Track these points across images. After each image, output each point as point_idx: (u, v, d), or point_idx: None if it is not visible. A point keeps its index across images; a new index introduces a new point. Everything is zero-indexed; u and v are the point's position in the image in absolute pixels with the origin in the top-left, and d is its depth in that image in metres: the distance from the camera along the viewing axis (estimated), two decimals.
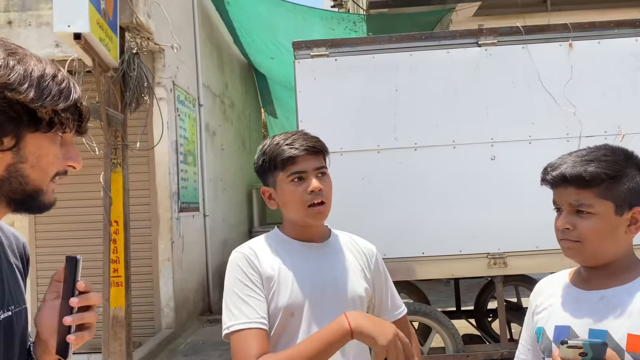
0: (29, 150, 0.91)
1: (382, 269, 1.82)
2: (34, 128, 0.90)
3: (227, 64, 9.71)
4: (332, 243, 1.70)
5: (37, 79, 0.89)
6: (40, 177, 0.93)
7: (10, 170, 0.90)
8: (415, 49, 4.02)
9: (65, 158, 0.97)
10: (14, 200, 0.92)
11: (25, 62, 0.90)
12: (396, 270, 3.99)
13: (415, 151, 4.01)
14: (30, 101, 0.87)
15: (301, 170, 1.56)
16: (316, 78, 4.01)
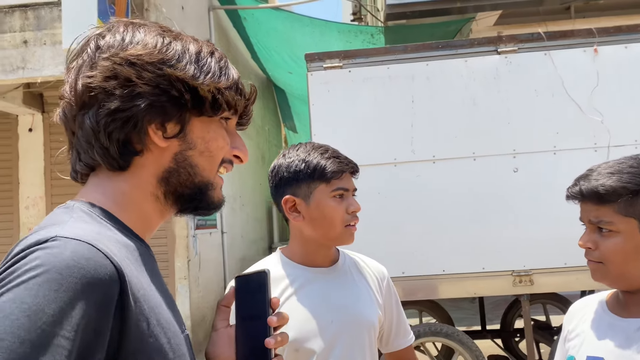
0: (197, 135, 0.82)
1: (393, 292, 1.69)
2: (198, 111, 0.81)
3: (244, 79, 9.64)
4: (340, 266, 1.57)
5: (195, 55, 0.81)
6: (210, 165, 0.84)
7: (178, 160, 0.81)
8: (432, 58, 3.89)
9: (231, 146, 0.87)
10: (182, 195, 0.83)
11: (182, 38, 0.83)
12: (416, 289, 3.83)
13: (433, 164, 3.85)
14: (191, 78, 0.79)
15: (345, 188, 1.49)
16: (330, 90, 3.90)
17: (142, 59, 0.78)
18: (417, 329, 3.99)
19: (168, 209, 0.86)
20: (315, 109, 3.89)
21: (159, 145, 0.80)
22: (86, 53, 0.82)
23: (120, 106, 0.76)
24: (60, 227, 0.70)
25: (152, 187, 0.83)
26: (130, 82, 0.76)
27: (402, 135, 3.87)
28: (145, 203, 0.83)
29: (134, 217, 0.82)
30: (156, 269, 0.86)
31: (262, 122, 10.88)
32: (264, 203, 10.51)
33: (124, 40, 0.80)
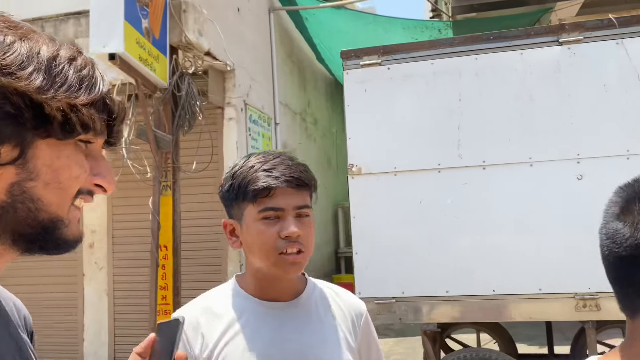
0: (42, 162, 0.65)
1: (371, 333, 1.38)
2: (45, 131, 0.64)
3: (310, 81, 9.54)
4: (304, 301, 1.28)
5: (46, 62, 0.65)
6: (59, 199, 0.67)
7: (15, 192, 0.64)
8: (482, 51, 3.47)
9: (92, 174, 0.70)
10: (22, 236, 0.66)
11: (31, 38, 0.66)
12: (462, 310, 3.43)
13: (483, 170, 3.43)
14: (37, 90, 0.62)
15: (277, 207, 1.20)
16: (366, 90, 3.59)
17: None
18: (463, 354, 3.58)
19: (6, 249, 0.68)
20: (351, 110, 3.61)
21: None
22: None
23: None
24: None
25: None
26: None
27: (447, 138, 3.49)
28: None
29: None
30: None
31: (329, 124, 10.69)
32: (330, 207, 10.30)
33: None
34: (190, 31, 4.14)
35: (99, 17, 3.39)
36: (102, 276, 6.48)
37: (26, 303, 3.38)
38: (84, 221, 6.51)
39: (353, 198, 3.61)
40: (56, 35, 4.99)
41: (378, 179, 3.56)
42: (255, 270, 1.26)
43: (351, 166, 3.60)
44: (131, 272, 6.18)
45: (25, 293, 6.50)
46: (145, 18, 3.75)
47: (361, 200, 3.59)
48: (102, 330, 6.44)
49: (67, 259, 6.55)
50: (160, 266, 4.08)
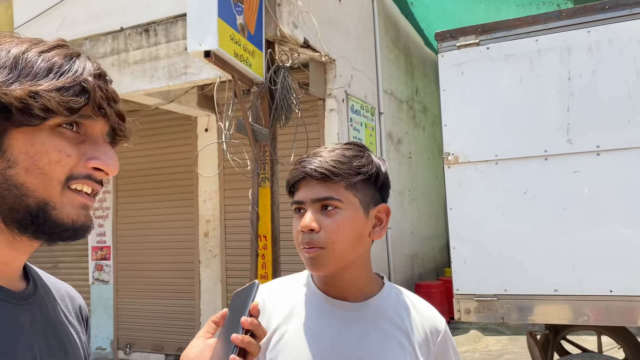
0: (18, 150, 0.70)
1: (448, 354, 1.23)
2: (13, 121, 0.69)
3: (418, 67, 9.26)
4: (374, 305, 1.18)
5: (13, 58, 0.71)
6: (43, 183, 0.71)
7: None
8: (596, 23, 3.09)
9: (86, 158, 0.74)
10: (14, 221, 0.72)
11: (3, 42, 0.73)
12: (576, 312, 3.10)
13: (597, 156, 3.07)
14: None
15: (298, 200, 1.15)
16: (464, 72, 3.37)
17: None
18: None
19: (18, 238, 0.73)
20: (447, 95, 3.40)
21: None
22: None
23: None
24: None
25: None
26: None
27: (554, 121, 3.16)
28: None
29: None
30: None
31: (439, 111, 10.32)
32: (442, 198, 9.96)
33: None
34: (284, 24, 4.17)
35: (194, 17, 3.52)
36: (216, 263, 6.84)
37: (150, 288, 3.68)
38: (200, 212, 6.91)
39: (450, 189, 3.42)
40: (167, 36, 5.30)
41: (477, 168, 3.33)
42: None
43: (447, 155, 3.40)
44: (241, 260, 6.45)
45: (149, 278, 7.08)
46: (240, 14, 3.84)
47: (458, 191, 3.39)
48: None
49: (185, 247, 7.02)
50: (260, 256, 4.18)
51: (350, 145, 1.21)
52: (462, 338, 6.96)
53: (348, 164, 1.15)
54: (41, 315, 0.81)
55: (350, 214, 1.14)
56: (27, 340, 0.75)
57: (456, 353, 1.25)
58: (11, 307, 0.75)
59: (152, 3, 5.45)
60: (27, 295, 0.79)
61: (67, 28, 5.90)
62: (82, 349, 0.87)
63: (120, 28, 5.59)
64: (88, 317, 0.96)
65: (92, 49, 5.70)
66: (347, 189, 1.14)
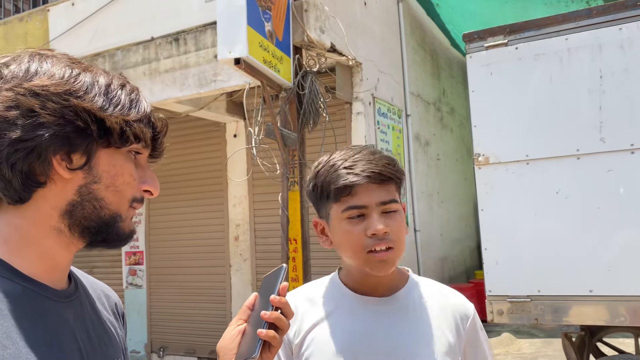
0: (103, 169, 0.81)
1: (479, 340, 1.27)
2: (105, 142, 0.81)
3: (444, 69, 9.21)
4: (402, 298, 1.24)
5: (104, 87, 0.82)
6: (118, 199, 0.83)
7: (83, 193, 0.81)
8: (628, 19, 3.05)
9: (140, 182, 0.86)
10: (88, 228, 0.82)
11: (91, 70, 0.84)
12: (612, 313, 3.06)
13: (631, 154, 3.03)
14: (99, 109, 0.80)
15: (360, 205, 1.16)
16: (492, 73, 3.36)
17: (47, 89, 0.77)
18: None
19: (75, 242, 0.83)
20: (475, 96, 3.40)
21: (64, 176, 0.79)
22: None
23: (23, 136, 0.75)
24: None
25: (54, 220, 0.80)
26: (33, 112, 0.76)
27: (587, 120, 3.13)
28: (45, 239, 0.81)
29: (30, 256, 0.80)
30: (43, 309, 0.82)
31: (467, 113, 10.23)
32: (471, 199, 9.87)
33: (28, 70, 0.79)
34: (311, 29, 4.22)
35: (224, 25, 3.60)
36: (246, 267, 6.92)
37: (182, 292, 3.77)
38: (230, 216, 7.01)
39: (480, 190, 3.41)
40: (196, 45, 5.41)
41: (507, 168, 3.31)
42: (349, 266, 1.25)
43: (477, 156, 3.40)
44: (271, 264, 6.51)
45: (181, 282, 7.20)
46: (268, 21, 3.90)
47: (489, 192, 3.37)
48: None
49: (216, 252, 7.13)
50: (291, 259, 4.22)
51: (375, 149, 1.26)
52: (494, 341, 6.88)
53: (395, 166, 1.21)
54: (82, 311, 0.89)
55: (402, 215, 1.21)
56: (71, 334, 0.83)
57: (486, 339, 1.28)
58: (57, 304, 0.83)
59: (182, 12, 5.57)
60: (69, 293, 0.87)
61: (99, 39, 6.08)
62: (120, 342, 0.96)
63: (150, 38, 5.72)
64: (124, 314, 1.04)
65: (124, 58, 5.85)
66: (396, 190, 1.21)
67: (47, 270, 0.83)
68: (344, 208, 1.17)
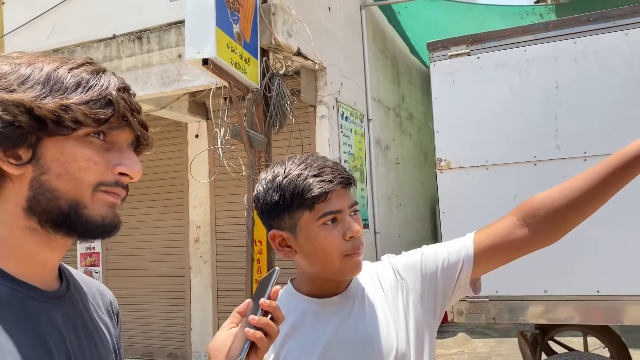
0: (51, 158, 0.78)
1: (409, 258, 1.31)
2: (46, 132, 0.77)
3: (404, 75, 9.41)
4: (353, 292, 1.28)
5: (45, 75, 0.78)
6: (74, 187, 0.79)
7: (34, 186, 0.78)
8: (581, 34, 3.23)
9: (111, 165, 0.81)
10: (52, 221, 0.79)
11: (36, 62, 0.80)
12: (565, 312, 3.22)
13: (584, 162, 3.20)
14: (31, 99, 0.76)
15: (336, 210, 1.18)
16: (455, 81, 3.48)
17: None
18: (565, 359, 3.36)
19: (53, 238, 0.81)
20: (439, 103, 3.52)
21: (12, 173, 0.77)
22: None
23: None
24: None
25: (22, 219, 0.79)
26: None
27: (543, 128, 3.29)
28: (20, 238, 0.80)
29: (9, 257, 0.80)
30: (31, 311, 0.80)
31: (425, 118, 10.47)
32: (427, 203, 10.11)
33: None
34: (279, 33, 4.25)
35: (192, 25, 3.59)
36: (206, 269, 6.87)
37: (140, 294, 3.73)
38: (190, 217, 6.94)
39: (442, 193, 3.52)
40: (160, 43, 5.35)
41: (468, 173, 3.44)
42: (311, 276, 1.26)
43: (440, 160, 3.51)
44: (231, 266, 6.49)
45: (139, 284, 7.07)
46: (237, 23, 3.91)
47: (451, 196, 3.49)
48: (207, 321, 6.82)
49: (175, 253, 7.04)
50: (255, 260, 4.24)
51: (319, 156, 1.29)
52: (450, 341, 7.08)
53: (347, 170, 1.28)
54: (73, 312, 0.87)
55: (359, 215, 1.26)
56: (59, 335, 0.82)
57: (410, 252, 1.33)
58: (45, 306, 0.82)
59: (146, 10, 5.50)
60: (60, 294, 0.86)
61: (58, 35, 5.92)
62: (112, 342, 0.95)
63: (112, 35, 5.63)
64: (119, 312, 1.03)
65: (84, 55, 5.72)
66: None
67: (34, 271, 0.82)
68: (319, 215, 1.18)
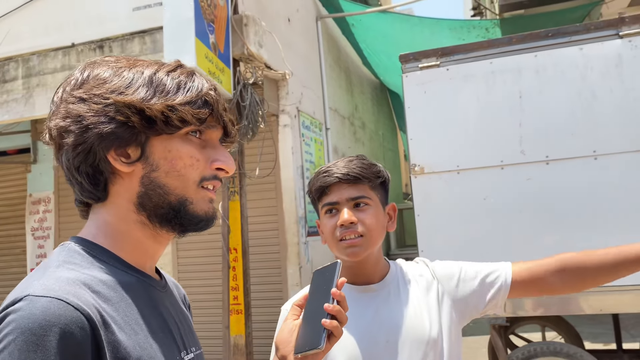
0: (159, 156, 0.83)
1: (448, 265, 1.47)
2: (154, 130, 0.82)
3: (356, 85, 9.67)
4: (389, 281, 1.43)
5: (148, 78, 0.83)
6: (182, 183, 0.84)
7: (145, 183, 0.83)
8: (541, 48, 3.52)
9: (210, 161, 0.87)
10: (162, 216, 0.84)
11: (137, 65, 0.86)
12: (534, 305, 3.47)
13: (547, 165, 3.48)
14: (140, 100, 0.81)
15: (333, 202, 1.37)
16: (426, 91, 3.69)
17: (91, 92, 0.81)
18: (534, 347, 3.62)
19: (160, 232, 0.87)
20: (411, 112, 3.71)
21: (123, 171, 0.83)
22: (53, 102, 0.87)
23: (77, 140, 0.81)
24: (37, 280, 0.74)
25: (134, 214, 0.85)
26: (80, 117, 0.81)
27: (509, 135, 3.55)
28: (134, 232, 0.86)
29: (128, 248, 0.86)
30: (156, 299, 0.88)
31: (375, 127, 10.78)
32: None
33: (77, 80, 0.85)
34: (251, 43, 4.34)
35: (171, 35, 3.62)
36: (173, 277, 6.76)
37: None
38: None
39: (417, 197, 3.71)
40: (122, 53, 5.29)
41: (441, 177, 3.65)
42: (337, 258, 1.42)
43: (414, 166, 3.70)
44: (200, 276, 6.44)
45: None
46: (212, 33, 3.97)
47: (425, 199, 3.69)
48: None
49: None
50: (231, 268, 4.27)
51: (362, 157, 1.48)
52: None
53: (370, 169, 1.42)
54: (175, 302, 0.97)
55: (376, 209, 1.41)
56: (172, 321, 0.91)
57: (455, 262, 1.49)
58: (160, 294, 0.91)
59: (107, 20, 5.42)
60: (163, 284, 0.95)
61: (11, 42, 5.72)
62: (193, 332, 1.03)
63: (71, 44, 5.50)
64: (189, 305, 1.10)
65: (40, 64, 5.56)
66: (371, 189, 1.41)
67: (146, 262, 0.89)
68: (322, 204, 1.39)
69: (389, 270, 1.45)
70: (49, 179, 7.21)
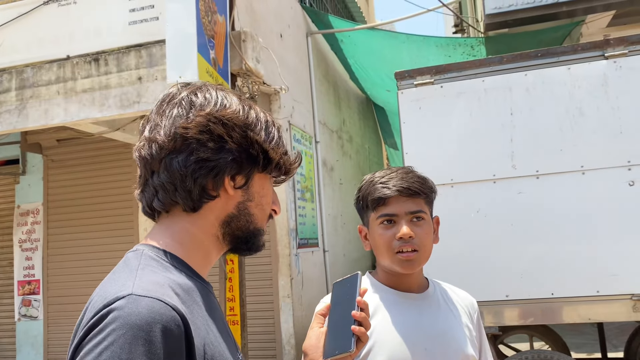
0: (255, 190, 0.96)
1: (482, 328, 1.58)
2: (262, 168, 0.95)
3: (344, 100, 9.82)
4: (431, 294, 1.50)
5: (264, 123, 0.96)
6: (262, 216, 0.98)
7: (240, 208, 0.95)
8: (531, 67, 3.68)
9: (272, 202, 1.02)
10: (238, 237, 0.96)
11: (254, 107, 0.97)
12: (523, 313, 3.59)
13: (537, 179, 3.62)
14: (264, 142, 0.94)
15: (391, 214, 1.43)
16: (421, 107, 3.83)
17: (232, 121, 0.92)
18: (525, 356, 3.74)
19: (224, 247, 0.99)
20: (407, 127, 3.84)
21: (229, 193, 0.94)
22: (181, 106, 0.94)
23: (210, 157, 0.90)
24: (131, 281, 0.82)
25: (215, 228, 0.95)
26: (221, 138, 0.91)
27: (501, 150, 3.69)
28: (207, 242, 0.96)
29: (198, 257, 0.95)
30: (214, 304, 0.97)
31: (362, 141, 10.93)
32: None
33: (216, 102, 0.94)
34: (249, 59, 4.44)
35: (174, 50, 3.70)
36: None
37: None
38: (140, 241, 6.81)
39: None
40: (118, 66, 5.34)
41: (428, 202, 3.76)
42: (385, 267, 1.49)
43: None
44: None
45: None
46: (212, 49, 4.06)
47: None
48: None
49: None
50: (228, 279, 4.32)
51: (412, 168, 1.56)
52: None
53: (425, 183, 1.50)
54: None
55: (429, 224, 1.49)
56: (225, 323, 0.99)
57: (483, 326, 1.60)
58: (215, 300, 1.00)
59: (102, 33, 5.47)
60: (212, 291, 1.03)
61: (5, 54, 5.74)
62: None
63: (66, 56, 5.54)
64: None
65: (34, 76, 5.58)
66: (426, 204, 1.49)
67: (206, 269, 0.99)
68: (378, 215, 1.44)
69: (428, 283, 1.53)
70: (38, 190, 7.17)
